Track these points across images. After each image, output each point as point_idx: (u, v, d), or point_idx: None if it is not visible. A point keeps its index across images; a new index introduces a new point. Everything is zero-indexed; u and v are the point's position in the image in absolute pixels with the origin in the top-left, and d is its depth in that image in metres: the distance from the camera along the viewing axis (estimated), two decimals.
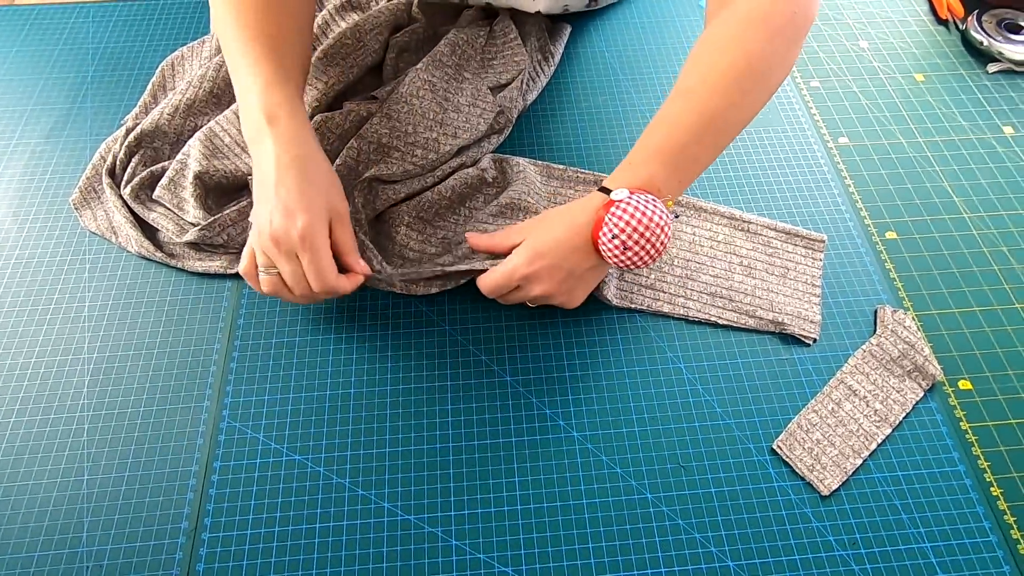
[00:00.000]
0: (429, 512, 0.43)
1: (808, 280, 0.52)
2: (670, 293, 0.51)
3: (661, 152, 0.44)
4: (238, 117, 0.57)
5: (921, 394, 0.47)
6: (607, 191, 0.44)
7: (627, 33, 0.70)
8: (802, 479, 0.44)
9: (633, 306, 0.51)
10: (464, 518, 0.42)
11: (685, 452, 0.45)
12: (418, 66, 0.58)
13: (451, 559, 0.41)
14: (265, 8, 0.48)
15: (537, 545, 0.42)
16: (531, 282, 0.45)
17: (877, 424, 0.46)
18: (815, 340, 0.49)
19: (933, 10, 0.73)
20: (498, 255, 0.48)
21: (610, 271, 0.51)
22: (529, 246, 0.45)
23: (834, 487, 0.43)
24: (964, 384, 0.48)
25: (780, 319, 0.50)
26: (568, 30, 0.68)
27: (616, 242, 0.42)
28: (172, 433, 0.45)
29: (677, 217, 0.54)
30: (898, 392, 0.47)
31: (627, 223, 0.42)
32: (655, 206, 0.43)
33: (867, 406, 0.46)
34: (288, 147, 0.44)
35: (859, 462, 0.44)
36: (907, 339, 0.48)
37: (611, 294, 0.50)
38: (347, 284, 0.45)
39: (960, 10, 0.71)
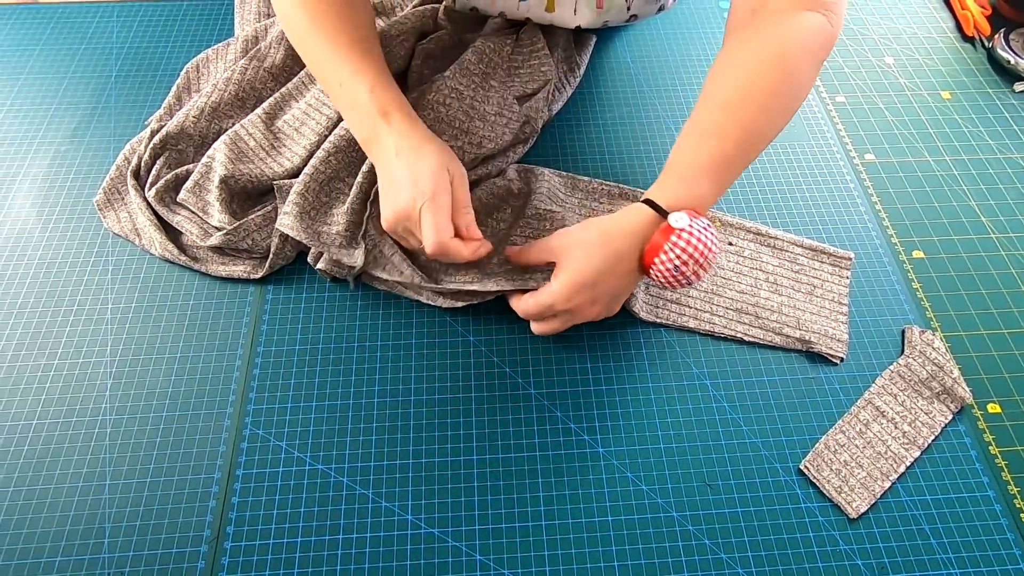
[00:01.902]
0: (453, 525, 0.42)
1: (835, 298, 0.52)
2: (695, 308, 0.51)
3: (712, 167, 0.44)
4: (263, 121, 0.57)
5: (950, 417, 0.46)
6: (659, 209, 0.43)
7: (652, 44, 0.70)
8: (830, 501, 0.43)
9: (658, 320, 0.50)
10: (488, 532, 0.42)
11: (711, 471, 0.45)
12: (445, 74, 0.58)
13: (475, 574, 0.41)
14: (342, 15, 0.49)
15: (562, 562, 0.41)
16: (572, 314, 0.45)
17: (906, 447, 0.45)
18: (842, 359, 0.49)
19: (959, 27, 0.73)
20: (532, 271, 0.48)
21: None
22: (569, 280, 0.43)
23: (862, 510, 0.43)
24: (993, 407, 0.47)
25: (807, 337, 0.49)
26: (593, 40, 0.68)
27: (670, 266, 0.42)
28: (195, 439, 0.45)
29: (731, 244, 0.54)
30: (927, 414, 0.46)
31: (689, 255, 0.42)
32: (712, 233, 0.43)
33: (895, 428, 0.46)
34: (403, 139, 0.47)
35: (887, 485, 0.44)
36: (936, 360, 0.48)
37: (638, 307, 0.50)
38: (463, 249, 0.45)
39: (987, 28, 0.71)
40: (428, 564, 0.41)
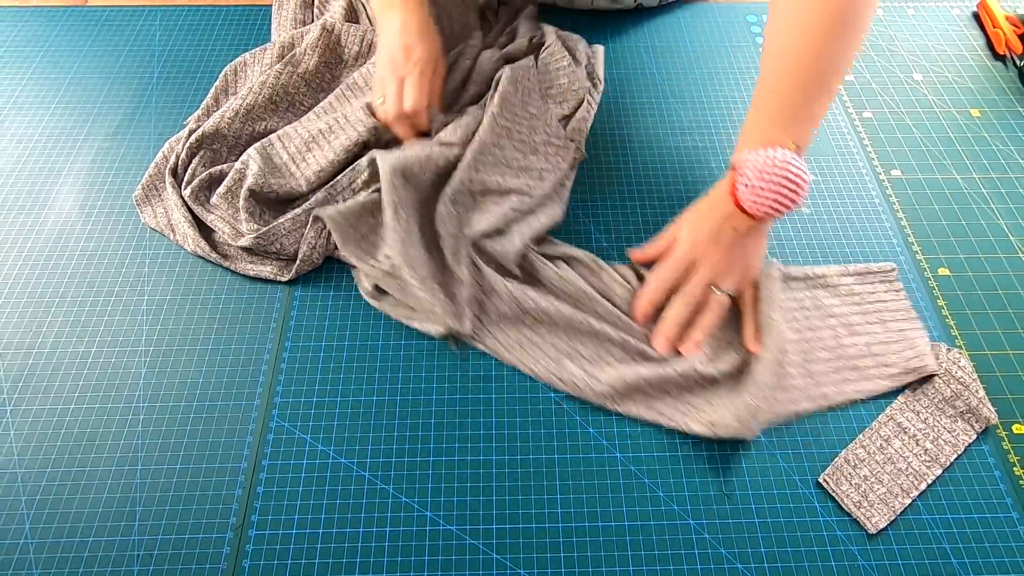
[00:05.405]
0: (470, 523, 0.43)
1: (903, 316, 0.51)
2: (799, 389, 0.47)
3: (775, 121, 0.47)
4: (298, 133, 0.58)
5: (974, 436, 0.46)
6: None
7: (675, 54, 0.71)
8: (848, 515, 0.43)
9: (778, 419, 0.46)
10: (504, 532, 0.43)
11: (729, 480, 0.45)
12: (492, 110, 0.57)
13: (491, 572, 0.41)
14: None
15: (577, 564, 0.42)
16: (699, 263, 0.49)
17: (927, 464, 0.45)
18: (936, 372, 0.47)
19: (990, 45, 0.72)
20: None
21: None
22: (685, 231, 0.50)
23: (881, 525, 0.43)
24: (1019, 428, 0.47)
25: (910, 366, 0.48)
26: (602, 51, 0.68)
27: (749, 187, 0.46)
28: (223, 429, 0.46)
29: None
30: (950, 433, 0.46)
31: (754, 169, 0.45)
32: (775, 150, 0.45)
33: (917, 445, 0.46)
34: (411, 16, 0.56)
35: (907, 501, 0.43)
36: (961, 379, 0.48)
37: (751, 422, 0.44)
38: (425, 121, 0.56)
39: (1019, 46, 0.70)
40: (445, 560, 0.42)
